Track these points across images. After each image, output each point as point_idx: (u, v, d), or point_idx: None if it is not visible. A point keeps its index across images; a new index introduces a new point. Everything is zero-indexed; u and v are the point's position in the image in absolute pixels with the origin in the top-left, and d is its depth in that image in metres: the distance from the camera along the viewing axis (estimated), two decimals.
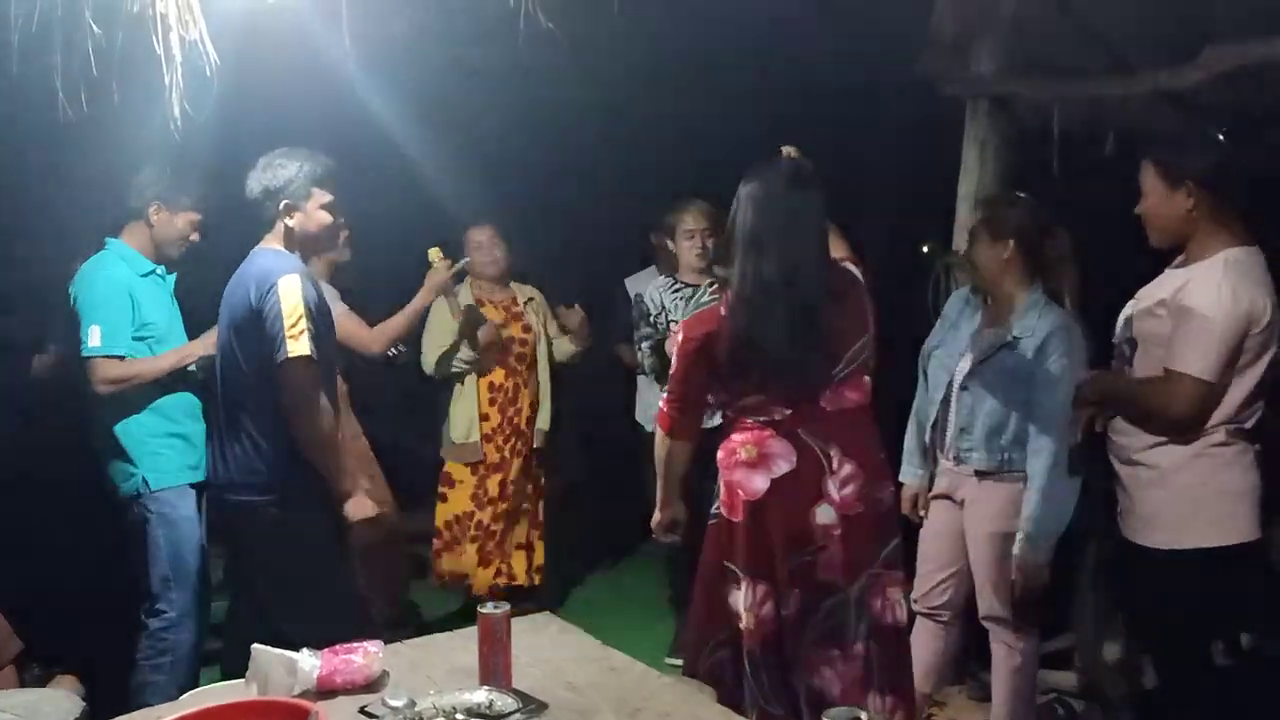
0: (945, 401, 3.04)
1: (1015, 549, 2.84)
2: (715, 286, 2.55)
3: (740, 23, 4.19)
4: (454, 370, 4.21)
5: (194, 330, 3.27)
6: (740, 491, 2.53)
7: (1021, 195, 3.10)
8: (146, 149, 3.05)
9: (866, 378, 2.55)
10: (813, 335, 2.45)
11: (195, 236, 3.25)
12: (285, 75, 3.14)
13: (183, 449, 3.22)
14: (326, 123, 3.23)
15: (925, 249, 3.14)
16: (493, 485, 4.27)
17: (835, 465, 2.49)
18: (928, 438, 3.13)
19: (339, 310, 3.65)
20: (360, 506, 2.86)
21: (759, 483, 2.51)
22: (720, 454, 2.60)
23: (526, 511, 4.37)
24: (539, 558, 4.41)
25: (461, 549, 4.27)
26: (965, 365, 2.99)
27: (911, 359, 3.23)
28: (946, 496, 3.09)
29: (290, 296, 2.68)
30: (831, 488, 2.49)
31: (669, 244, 4.06)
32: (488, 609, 2.11)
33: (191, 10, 2.45)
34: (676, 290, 4.02)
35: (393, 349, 3.93)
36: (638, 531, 5.53)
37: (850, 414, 2.53)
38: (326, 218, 2.87)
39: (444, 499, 4.30)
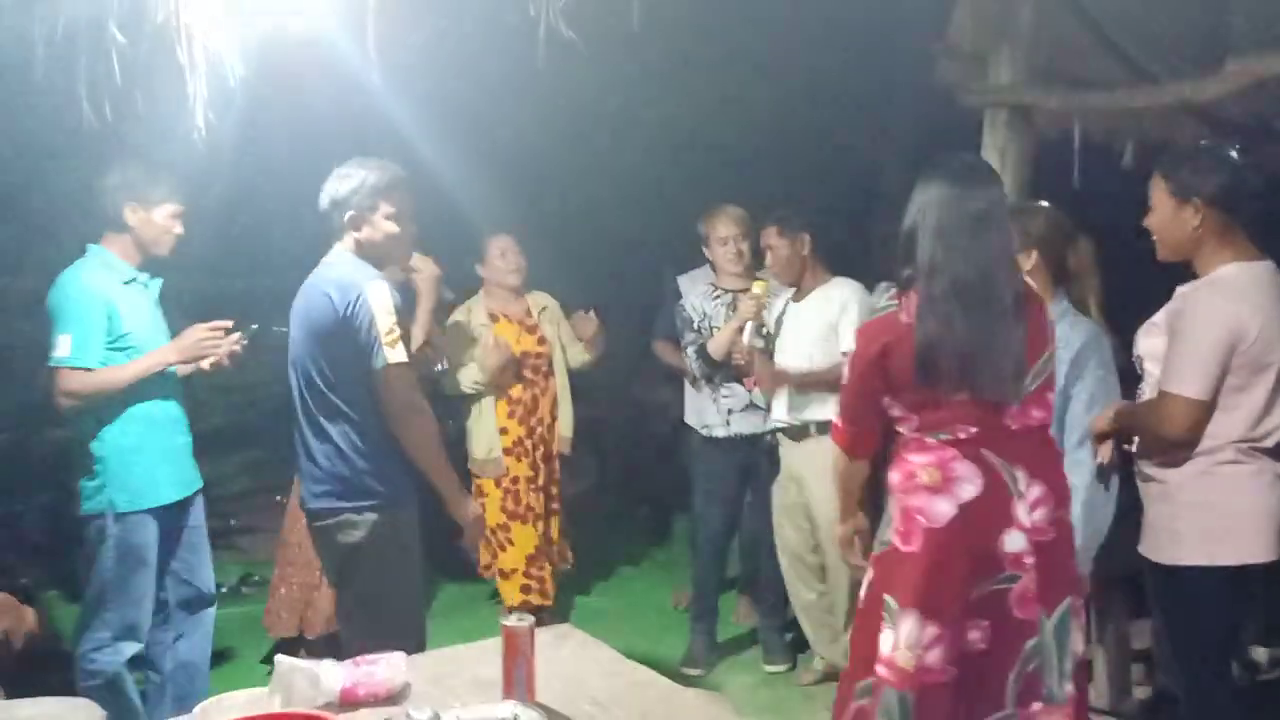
0: None
1: None
2: (893, 292, 2.37)
3: (759, 31, 4.20)
4: (469, 391, 4.15)
5: None
6: (921, 518, 2.30)
7: (1044, 204, 3.08)
8: (164, 156, 3.03)
9: (1050, 394, 2.41)
10: (1007, 344, 2.30)
11: (179, 229, 3.11)
12: (308, 84, 3.14)
13: (159, 467, 3.09)
14: (349, 130, 3.23)
15: None
16: (532, 500, 4.20)
17: (1023, 487, 2.30)
18: None
19: None
20: (471, 507, 2.84)
21: (943, 509, 2.29)
22: (895, 477, 2.39)
23: (556, 521, 4.33)
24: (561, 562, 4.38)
25: (499, 563, 4.21)
26: None
27: None
28: None
29: (381, 303, 2.65)
30: (1020, 512, 2.29)
31: (705, 251, 4.09)
32: (511, 621, 2.10)
33: (215, 20, 2.46)
34: (716, 296, 4.10)
35: (438, 364, 3.90)
36: (647, 538, 5.59)
37: (1036, 432, 2.37)
38: (393, 228, 2.80)
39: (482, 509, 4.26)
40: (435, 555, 3.16)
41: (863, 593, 2.43)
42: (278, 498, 5.99)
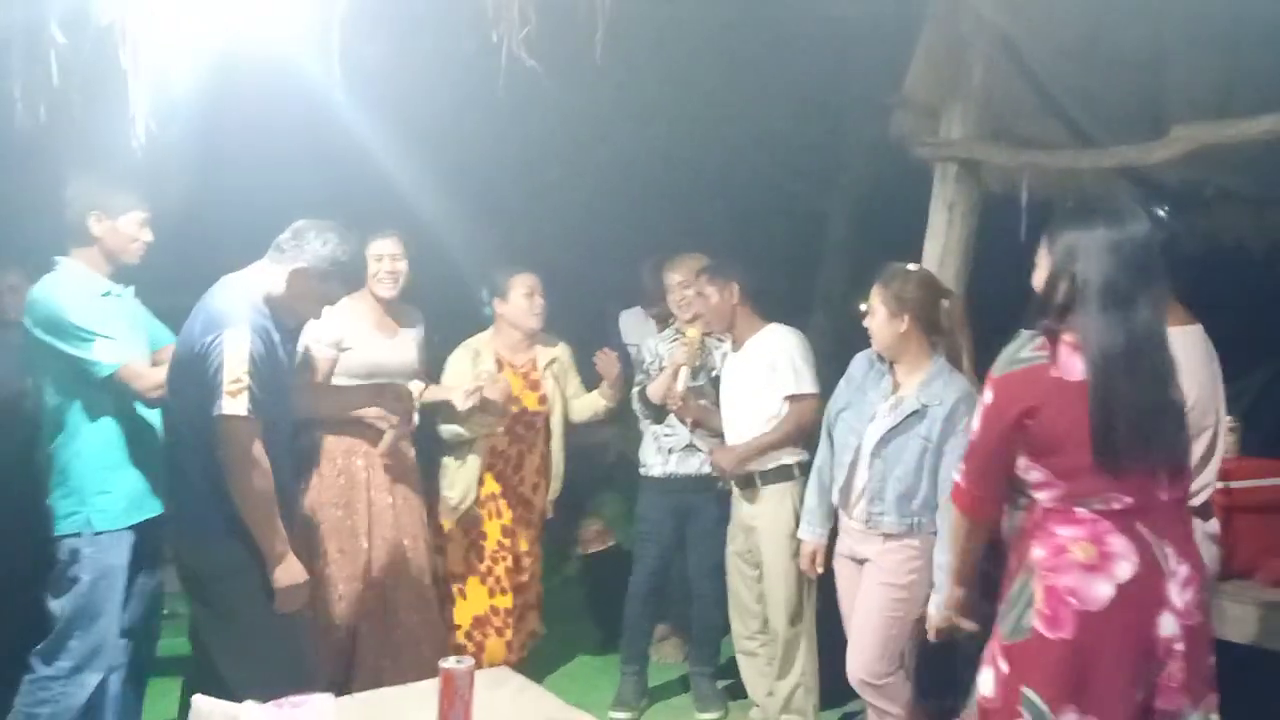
0: (853, 465, 3.07)
1: (930, 605, 2.88)
2: (1039, 344, 2.14)
3: (715, 77, 4.23)
4: (458, 436, 3.82)
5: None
6: (1073, 600, 2.08)
7: (914, 267, 3.17)
8: (96, 161, 2.91)
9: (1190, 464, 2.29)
10: (1176, 406, 2.15)
11: (148, 236, 3.02)
12: (262, 96, 3.05)
13: (135, 483, 3.00)
14: (302, 143, 3.14)
15: (863, 307, 3.15)
16: (499, 566, 3.87)
17: (1174, 565, 2.11)
18: (835, 498, 3.17)
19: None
20: (288, 572, 2.71)
21: (1101, 590, 2.07)
22: (1039, 552, 2.14)
23: (520, 585, 3.98)
24: (532, 625, 4.08)
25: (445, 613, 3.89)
26: (876, 431, 3.02)
27: None
28: (850, 557, 3.15)
29: (235, 351, 2.59)
30: (1173, 593, 2.10)
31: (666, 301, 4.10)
32: (450, 663, 2.03)
33: (164, 26, 2.38)
34: (675, 339, 4.08)
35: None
36: (576, 578, 5.47)
37: (1180, 504, 2.19)
38: (314, 306, 2.84)
39: (441, 551, 3.85)
40: None
41: (989, 689, 2.18)
42: None
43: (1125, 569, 2.07)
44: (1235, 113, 3.05)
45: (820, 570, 3.31)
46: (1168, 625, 2.09)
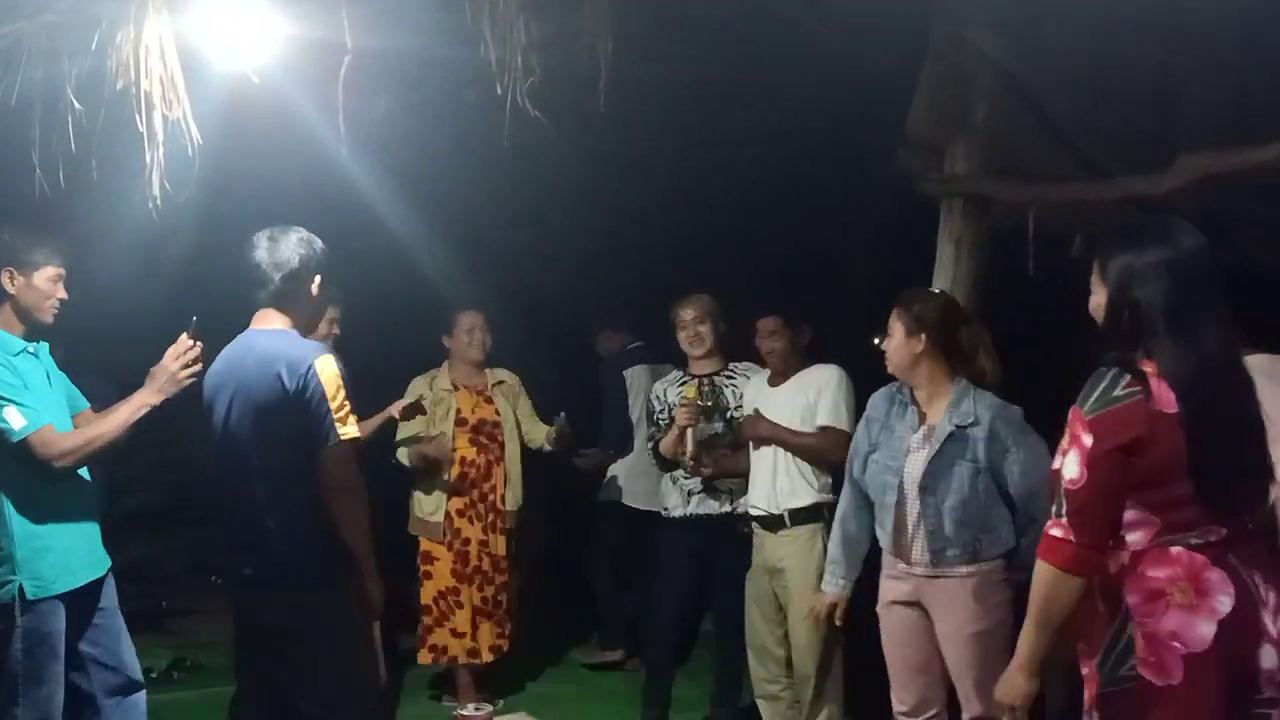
0: (899, 505, 2.99)
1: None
2: (1129, 380, 2.02)
3: (722, 115, 4.27)
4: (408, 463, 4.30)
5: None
6: (1178, 644, 2.00)
7: (936, 290, 3.18)
8: (121, 225, 2.95)
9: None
10: (1263, 430, 2.06)
11: (62, 293, 2.90)
12: (269, 154, 3.11)
13: (71, 547, 2.89)
14: (310, 201, 3.18)
15: (877, 342, 3.11)
16: (480, 560, 4.29)
17: (1264, 595, 2.04)
18: (884, 544, 3.08)
19: None
20: (376, 583, 2.74)
21: (1204, 629, 2.00)
22: (1133, 598, 2.06)
23: (501, 584, 4.37)
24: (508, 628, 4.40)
25: (451, 624, 4.25)
26: (918, 465, 2.96)
27: None
28: (906, 602, 3.03)
29: (332, 378, 2.59)
30: (1269, 624, 2.03)
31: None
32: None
33: (176, 89, 2.44)
34: (683, 383, 4.04)
35: None
36: (598, 622, 5.44)
37: (1266, 532, 2.10)
38: (322, 302, 2.85)
39: (429, 576, 4.30)
40: None
41: None
42: (214, 578, 5.78)
43: (1224, 604, 2.01)
44: (1247, 139, 3.03)
45: (840, 623, 3.27)
46: (1268, 657, 2.03)
